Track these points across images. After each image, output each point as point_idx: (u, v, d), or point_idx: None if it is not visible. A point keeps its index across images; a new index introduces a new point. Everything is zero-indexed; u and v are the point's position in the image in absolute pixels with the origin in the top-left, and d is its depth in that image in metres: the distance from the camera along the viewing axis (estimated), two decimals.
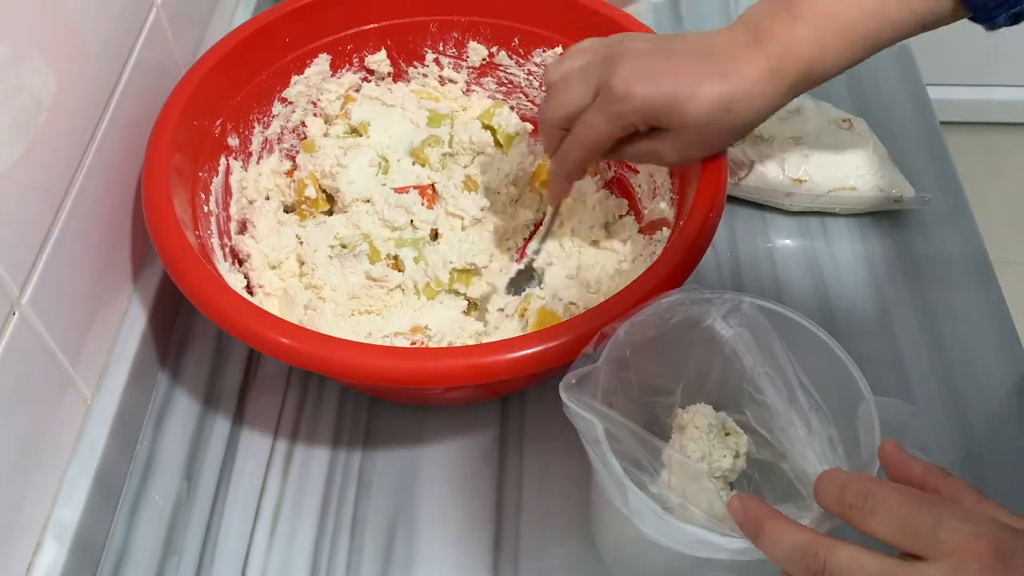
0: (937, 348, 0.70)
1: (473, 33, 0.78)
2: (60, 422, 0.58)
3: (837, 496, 0.42)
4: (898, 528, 0.40)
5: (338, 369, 0.55)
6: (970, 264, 0.75)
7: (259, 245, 0.70)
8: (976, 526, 0.39)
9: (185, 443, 0.66)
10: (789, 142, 0.77)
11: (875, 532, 0.41)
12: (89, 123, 0.60)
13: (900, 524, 0.40)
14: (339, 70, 0.78)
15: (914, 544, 0.40)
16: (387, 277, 0.69)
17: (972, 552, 0.39)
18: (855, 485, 0.42)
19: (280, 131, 0.76)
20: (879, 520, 0.40)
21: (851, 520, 0.41)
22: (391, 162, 0.75)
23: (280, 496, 0.63)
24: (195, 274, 0.58)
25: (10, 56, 0.50)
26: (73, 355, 0.59)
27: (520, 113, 0.80)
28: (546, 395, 0.67)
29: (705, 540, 0.45)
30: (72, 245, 0.58)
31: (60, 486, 0.58)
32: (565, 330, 0.54)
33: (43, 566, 0.55)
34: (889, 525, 0.40)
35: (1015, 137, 1.98)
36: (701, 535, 0.45)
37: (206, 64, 0.68)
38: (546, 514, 0.62)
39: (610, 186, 0.77)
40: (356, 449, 0.65)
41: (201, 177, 0.67)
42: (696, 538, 0.45)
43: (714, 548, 0.45)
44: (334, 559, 0.60)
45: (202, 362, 0.70)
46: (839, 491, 0.42)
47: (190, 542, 0.61)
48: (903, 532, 0.40)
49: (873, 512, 0.41)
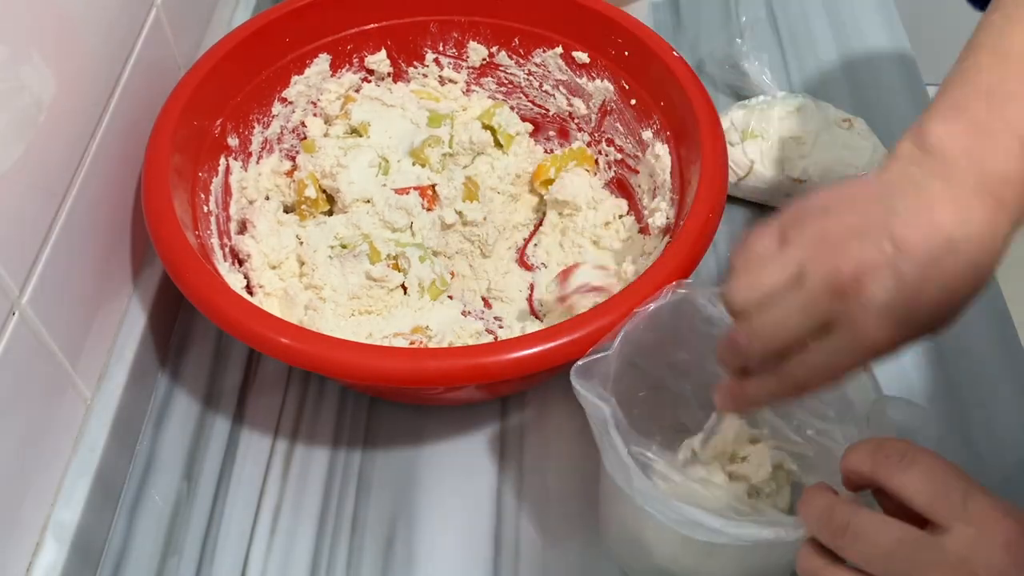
0: (937, 348, 0.70)
1: (473, 33, 0.78)
2: (60, 422, 0.58)
3: (872, 451, 0.43)
4: (929, 489, 0.41)
5: (338, 369, 0.55)
6: None
7: (259, 245, 0.70)
8: (1003, 504, 0.40)
9: (185, 443, 0.66)
10: (789, 142, 0.77)
11: (905, 487, 0.41)
12: (89, 123, 0.60)
13: (932, 486, 0.41)
14: (339, 70, 0.77)
15: (942, 508, 0.40)
16: (387, 277, 0.69)
17: (1000, 526, 0.39)
18: (893, 442, 0.43)
19: (280, 131, 0.76)
20: (911, 477, 0.41)
21: (884, 473, 0.42)
22: (391, 162, 0.75)
23: (280, 496, 0.63)
24: (195, 274, 0.58)
25: (10, 56, 0.50)
26: (73, 355, 0.59)
27: (520, 113, 0.80)
28: (546, 395, 0.67)
29: (706, 523, 0.45)
30: (72, 245, 0.58)
31: (60, 486, 0.58)
32: (565, 330, 0.54)
33: (43, 566, 0.55)
34: (921, 484, 0.41)
35: None
36: (702, 517, 0.45)
37: (206, 64, 0.68)
38: (546, 514, 0.62)
39: (610, 186, 0.77)
40: (356, 449, 0.65)
41: (201, 177, 0.67)
42: (698, 520, 0.45)
43: (715, 532, 0.45)
44: (334, 559, 0.60)
45: (202, 362, 0.70)
46: (874, 447, 0.43)
47: (190, 542, 0.61)
48: (934, 494, 0.40)
49: (910, 467, 0.41)
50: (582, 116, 0.78)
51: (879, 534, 0.40)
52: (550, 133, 0.81)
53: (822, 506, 0.43)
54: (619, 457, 0.47)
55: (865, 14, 0.95)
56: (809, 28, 0.94)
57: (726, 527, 0.45)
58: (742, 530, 0.45)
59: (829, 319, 0.43)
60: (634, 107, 0.73)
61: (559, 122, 0.80)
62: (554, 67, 0.77)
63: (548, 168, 0.76)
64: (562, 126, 0.80)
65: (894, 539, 0.40)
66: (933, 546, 0.39)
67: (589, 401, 0.48)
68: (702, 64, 0.89)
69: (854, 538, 0.41)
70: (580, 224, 0.74)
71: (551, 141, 0.81)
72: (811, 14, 0.95)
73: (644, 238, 0.72)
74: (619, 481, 0.48)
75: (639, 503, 0.47)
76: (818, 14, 0.95)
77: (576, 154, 0.77)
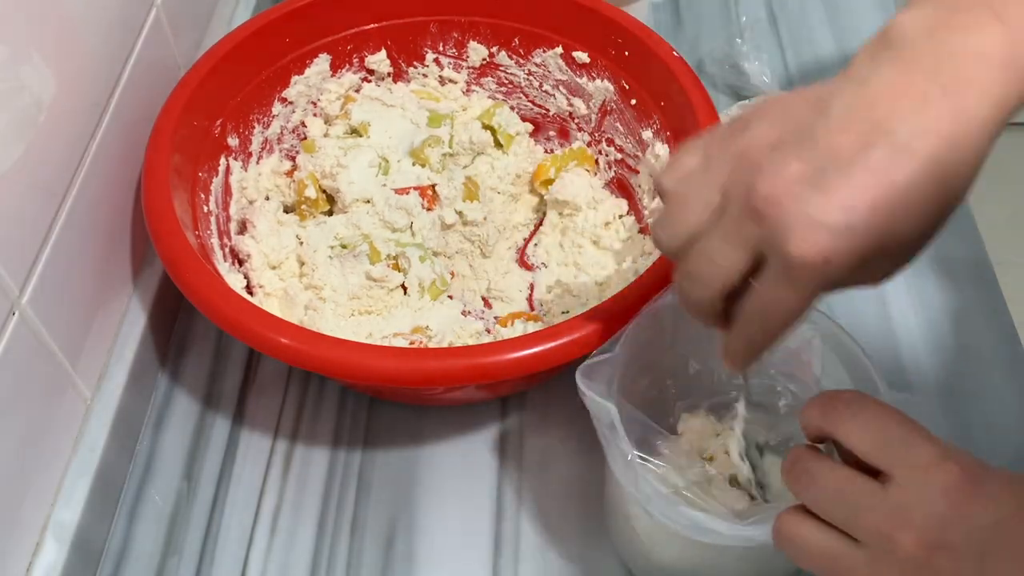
0: (937, 348, 0.70)
1: (473, 33, 0.78)
2: (60, 422, 0.58)
3: (825, 400, 0.43)
4: (871, 437, 0.41)
5: (338, 369, 0.55)
6: (970, 264, 0.75)
7: (259, 245, 0.70)
8: (947, 450, 0.40)
9: (185, 443, 0.66)
10: None
11: (849, 435, 0.41)
12: (89, 123, 0.60)
13: (875, 434, 0.41)
14: (339, 70, 0.77)
15: (884, 456, 0.40)
16: (387, 277, 0.69)
17: (940, 472, 0.39)
18: (844, 394, 0.43)
19: (280, 131, 0.76)
20: (856, 424, 0.41)
21: (831, 422, 0.42)
22: (391, 162, 0.75)
23: (280, 496, 0.63)
24: (195, 274, 0.58)
25: (10, 56, 0.50)
26: (73, 355, 0.59)
27: (520, 113, 0.80)
28: (546, 395, 0.67)
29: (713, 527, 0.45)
30: (72, 245, 0.58)
31: (60, 486, 0.58)
32: (565, 330, 0.54)
33: (43, 566, 0.55)
34: (864, 432, 0.41)
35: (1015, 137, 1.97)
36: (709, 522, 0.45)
37: (206, 64, 0.68)
38: (546, 514, 0.62)
39: (610, 186, 0.77)
40: (356, 449, 0.65)
41: (201, 177, 0.67)
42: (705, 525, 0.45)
43: (719, 535, 0.45)
44: (334, 559, 0.60)
45: (202, 362, 0.70)
46: (828, 398, 0.43)
47: (190, 542, 0.61)
48: (875, 442, 0.40)
49: (855, 416, 0.41)
50: (582, 116, 0.78)
51: (827, 478, 0.41)
52: (550, 133, 0.81)
53: (791, 457, 0.43)
54: (625, 459, 0.47)
55: (865, 14, 0.95)
56: (809, 28, 0.94)
57: (733, 530, 0.45)
58: (749, 532, 0.45)
59: (758, 248, 0.38)
60: (634, 107, 0.73)
61: (559, 122, 0.80)
62: (554, 67, 0.77)
63: (548, 168, 0.76)
64: (562, 126, 0.80)
65: (839, 482, 0.40)
66: (875, 492, 0.39)
67: (595, 403, 0.48)
68: (702, 64, 0.89)
69: (809, 482, 0.41)
70: (580, 224, 0.74)
71: (551, 141, 0.81)
72: (811, 14, 0.95)
73: (644, 238, 0.72)
74: (625, 483, 0.48)
75: (644, 505, 0.47)
76: (818, 14, 0.95)
77: (576, 154, 0.77)
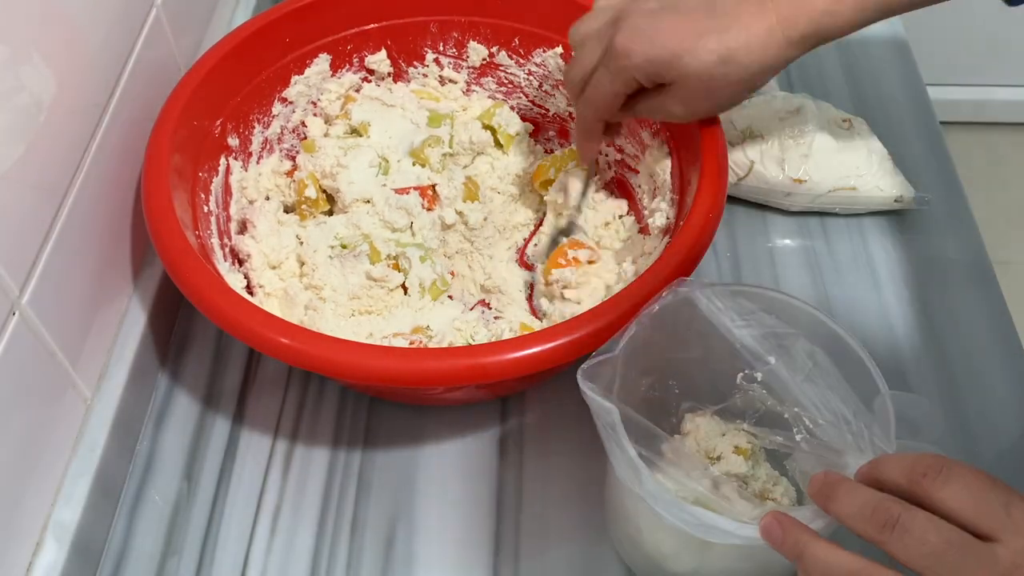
0: (937, 348, 0.70)
1: (473, 33, 0.78)
2: (60, 422, 0.58)
3: (909, 467, 0.42)
4: (971, 502, 0.40)
5: (338, 369, 0.55)
6: (970, 264, 0.75)
7: (259, 245, 0.70)
8: None
9: (185, 443, 0.66)
10: (789, 142, 0.77)
11: (946, 502, 0.41)
12: (89, 123, 0.60)
13: (974, 499, 0.40)
14: (339, 70, 0.78)
15: (987, 520, 0.40)
16: (387, 277, 0.69)
17: None
18: (928, 458, 0.42)
19: (280, 131, 0.76)
20: (952, 491, 0.41)
21: (923, 489, 0.41)
22: (391, 162, 0.75)
23: (280, 496, 0.63)
24: (195, 274, 0.58)
25: (10, 56, 0.51)
26: (73, 355, 0.59)
27: (520, 113, 0.80)
28: (546, 395, 0.67)
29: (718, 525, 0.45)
30: (72, 245, 0.58)
31: (60, 486, 0.58)
32: (565, 330, 0.54)
33: (43, 566, 0.55)
34: (963, 498, 0.40)
35: (1015, 137, 1.98)
36: (714, 520, 0.45)
37: (206, 64, 0.68)
38: (546, 514, 0.62)
39: (610, 186, 0.77)
40: (356, 449, 0.65)
41: (201, 177, 0.67)
42: (710, 523, 0.45)
43: (729, 535, 0.45)
44: (334, 559, 0.60)
45: (202, 362, 0.70)
46: (910, 463, 0.42)
47: (190, 542, 0.61)
48: (976, 507, 0.40)
49: (948, 482, 0.41)
50: None
51: (929, 532, 0.40)
52: (550, 133, 0.81)
53: (868, 500, 0.42)
54: (628, 459, 0.47)
55: None
56: None
57: (738, 529, 0.45)
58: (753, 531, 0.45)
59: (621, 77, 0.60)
60: None
61: (559, 122, 0.80)
62: (554, 67, 0.77)
63: (548, 168, 0.76)
64: (562, 126, 0.80)
65: (944, 540, 0.40)
66: (984, 552, 0.39)
67: (597, 403, 0.48)
68: None
69: (903, 533, 0.41)
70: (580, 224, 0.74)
71: (551, 141, 0.81)
72: None
73: (644, 238, 0.72)
74: (627, 482, 0.48)
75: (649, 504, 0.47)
76: None
77: (576, 154, 0.77)
